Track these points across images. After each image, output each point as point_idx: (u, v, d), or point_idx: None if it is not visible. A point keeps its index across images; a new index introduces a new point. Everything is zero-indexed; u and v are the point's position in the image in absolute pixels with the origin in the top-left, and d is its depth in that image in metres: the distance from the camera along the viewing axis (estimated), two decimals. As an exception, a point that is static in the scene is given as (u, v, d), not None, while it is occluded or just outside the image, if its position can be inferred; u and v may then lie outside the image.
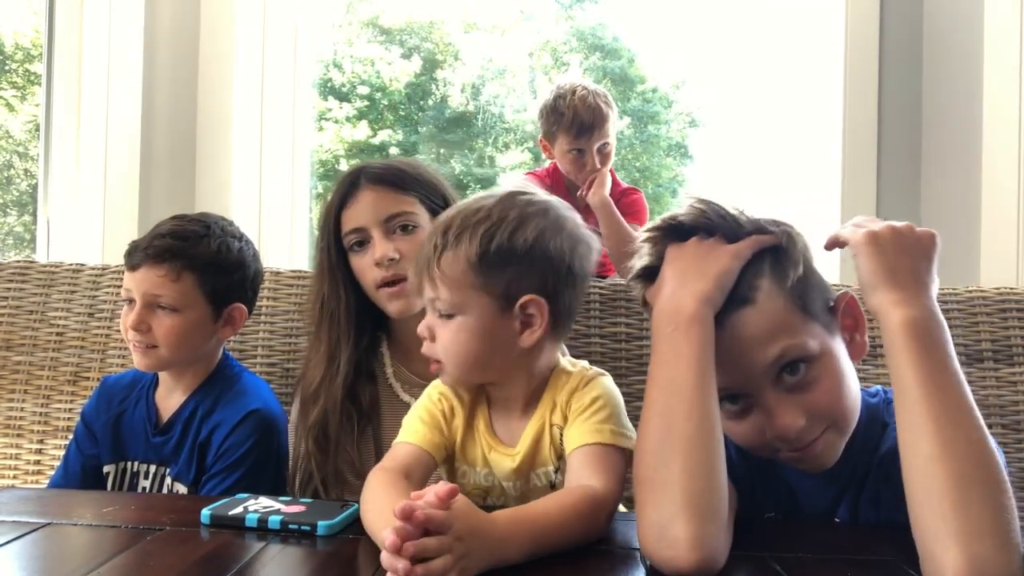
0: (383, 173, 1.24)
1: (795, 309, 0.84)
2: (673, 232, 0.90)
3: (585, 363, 1.01)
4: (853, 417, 0.87)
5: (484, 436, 0.98)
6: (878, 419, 0.92)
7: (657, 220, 0.93)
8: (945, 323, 0.78)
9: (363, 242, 1.23)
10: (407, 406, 1.24)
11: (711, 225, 0.88)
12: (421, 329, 0.95)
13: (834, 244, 0.87)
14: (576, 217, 0.97)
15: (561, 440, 0.93)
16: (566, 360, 1.01)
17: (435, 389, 1.02)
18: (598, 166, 1.99)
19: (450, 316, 0.92)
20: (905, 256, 0.80)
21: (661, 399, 0.80)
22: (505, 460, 0.96)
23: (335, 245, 1.25)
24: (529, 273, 0.91)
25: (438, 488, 0.70)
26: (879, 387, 0.97)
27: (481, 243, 0.89)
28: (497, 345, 0.92)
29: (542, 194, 0.96)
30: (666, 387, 0.80)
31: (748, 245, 0.87)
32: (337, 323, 1.25)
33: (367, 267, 1.22)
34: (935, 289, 0.81)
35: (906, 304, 0.77)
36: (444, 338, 0.92)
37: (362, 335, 1.27)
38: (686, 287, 0.84)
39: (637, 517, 0.77)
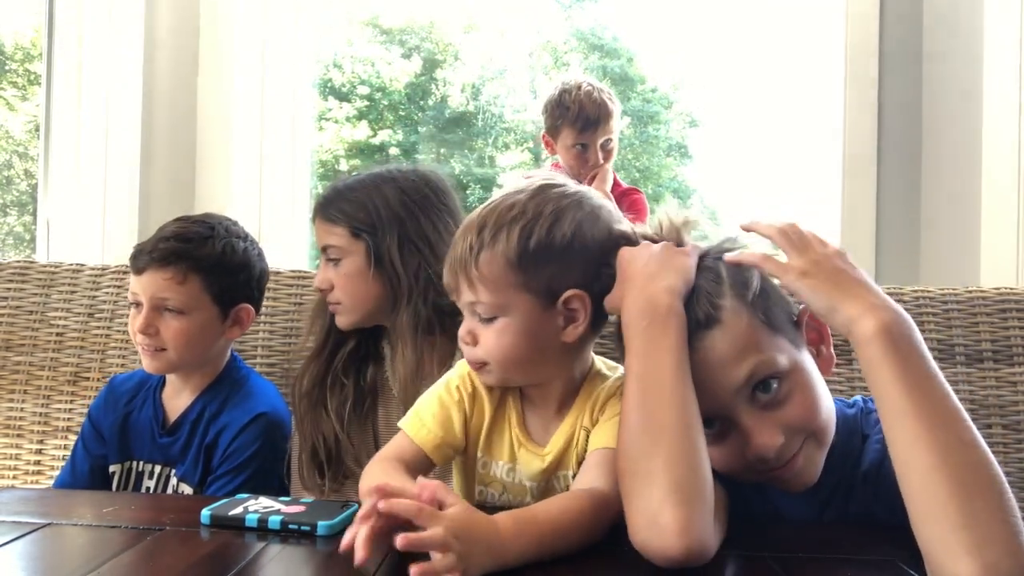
0: (320, 203, 1.27)
1: (760, 325, 0.84)
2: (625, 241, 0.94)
3: (623, 369, 0.99)
4: (830, 429, 0.87)
5: (515, 430, 0.96)
6: (857, 431, 0.92)
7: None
8: (909, 318, 0.76)
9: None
10: (398, 403, 1.25)
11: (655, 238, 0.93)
12: (462, 334, 0.92)
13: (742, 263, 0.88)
14: (610, 205, 0.96)
15: (587, 444, 0.92)
16: (601, 362, 0.99)
17: (456, 375, 0.98)
18: (601, 161, 2.00)
19: (492, 319, 0.89)
20: (836, 270, 0.80)
21: (640, 391, 0.81)
22: (535, 460, 0.95)
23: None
24: (570, 267, 0.89)
25: (426, 485, 0.71)
26: (858, 397, 0.96)
27: (520, 240, 0.87)
28: (542, 343, 0.90)
29: (573, 184, 0.94)
30: (645, 379, 0.81)
31: (694, 247, 0.91)
32: (323, 321, 1.30)
33: None
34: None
35: (869, 312, 0.76)
36: (488, 341, 0.90)
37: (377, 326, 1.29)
38: (655, 282, 0.85)
39: (625, 509, 0.77)
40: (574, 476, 0.93)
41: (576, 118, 1.99)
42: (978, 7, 1.98)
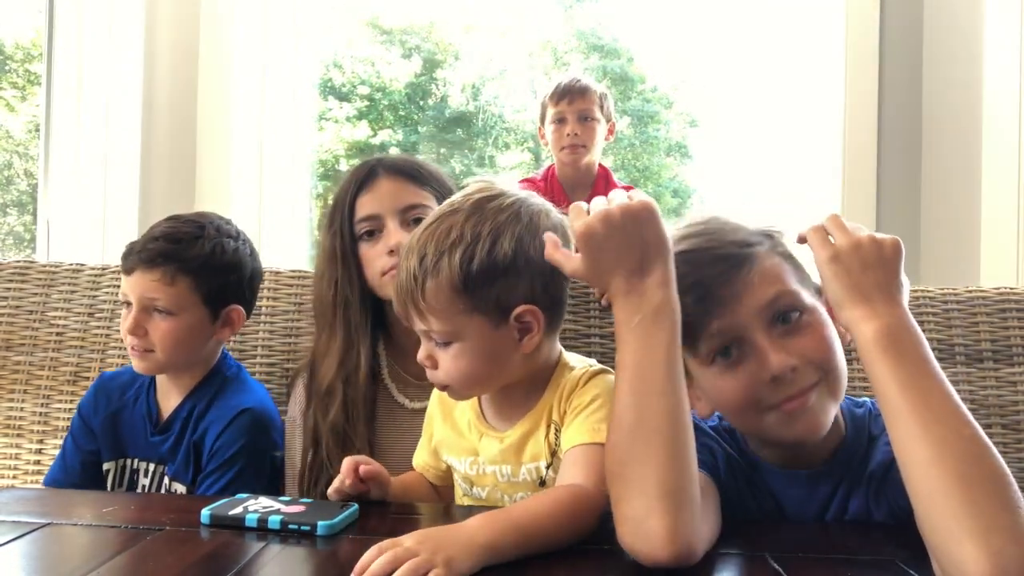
0: (402, 165, 1.25)
1: (790, 268, 0.88)
2: None
3: (592, 361, 1.00)
4: (842, 381, 0.87)
5: (475, 424, 0.99)
6: (864, 430, 0.92)
7: None
8: (917, 328, 0.77)
9: (374, 231, 1.22)
10: (401, 407, 1.25)
11: None
12: (421, 358, 0.93)
13: (802, 240, 0.87)
14: (545, 206, 0.95)
15: (557, 437, 0.93)
16: (571, 356, 1.00)
17: (431, 400, 1.07)
18: (577, 132, 2.02)
19: (447, 343, 0.90)
20: (868, 271, 0.78)
21: (631, 392, 0.79)
22: (493, 443, 0.97)
23: (349, 230, 1.24)
24: (516, 283, 0.89)
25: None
26: (866, 399, 0.97)
27: (462, 266, 0.87)
28: (499, 358, 0.92)
29: (508, 192, 0.94)
30: (635, 378, 0.79)
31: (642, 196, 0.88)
32: (354, 309, 1.23)
33: (376, 255, 1.21)
34: (905, 293, 0.80)
35: (874, 317, 0.76)
36: (446, 365, 0.91)
37: (373, 326, 1.26)
38: (645, 276, 0.80)
39: (613, 512, 0.77)
40: (547, 466, 0.93)
41: (555, 89, 2.10)
42: (978, 7, 1.98)
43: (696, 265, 0.86)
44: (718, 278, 0.85)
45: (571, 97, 2.05)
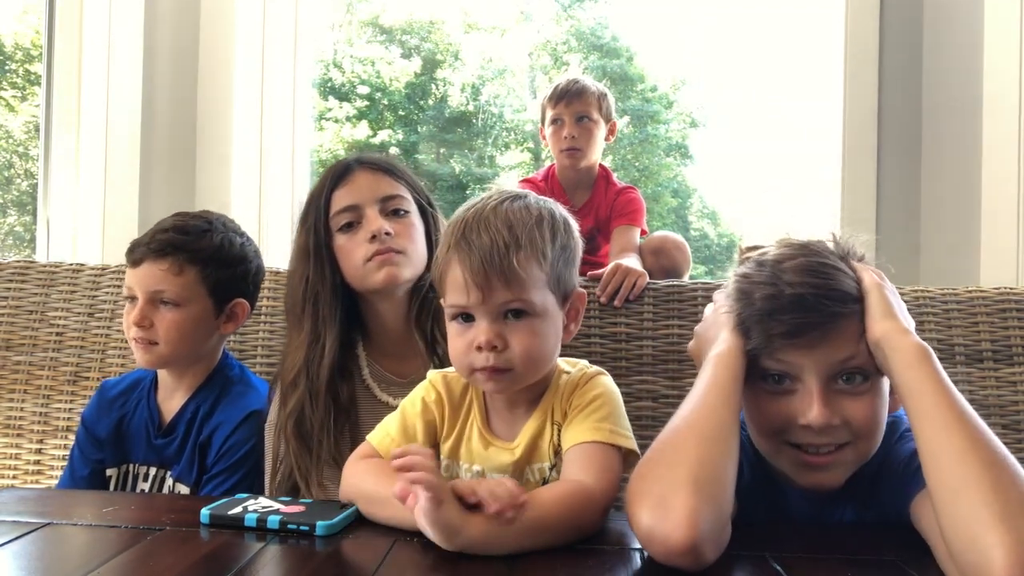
0: (378, 160, 1.28)
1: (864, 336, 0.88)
2: None
3: (584, 362, 1.00)
4: (873, 447, 0.89)
5: (481, 434, 0.97)
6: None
7: None
8: None
9: (352, 223, 1.22)
10: (385, 405, 1.23)
11: None
12: (490, 338, 0.88)
13: None
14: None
15: (559, 437, 0.93)
16: (563, 360, 1.00)
17: (422, 387, 1.01)
18: (574, 135, 2.01)
19: (522, 320, 0.88)
20: (896, 300, 0.88)
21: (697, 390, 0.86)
22: (503, 454, 0.96)
23: (323, 225, 1.23)
24: (575, 267, 0.93)
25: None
26: None
27: (552, 241, 0.90)
28: (556, 343, 0.93)
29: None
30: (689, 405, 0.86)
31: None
32: (323, 303, 1.23)
33: (356, 245, 1.20)
34: None
35: (912, 335, 0.84)
36: (521, 341, 0.88)
37: (343, 323, 1.24)
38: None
39: (636, 494, 0.76)
40: (551, 468, 0.93)
41: (553, 91, 2.07)
42: (978, 6, 1.98)
43: (797, 295, 0.85)
44: (808, 320, 0.85)
45: (568, 99, 2.04)
